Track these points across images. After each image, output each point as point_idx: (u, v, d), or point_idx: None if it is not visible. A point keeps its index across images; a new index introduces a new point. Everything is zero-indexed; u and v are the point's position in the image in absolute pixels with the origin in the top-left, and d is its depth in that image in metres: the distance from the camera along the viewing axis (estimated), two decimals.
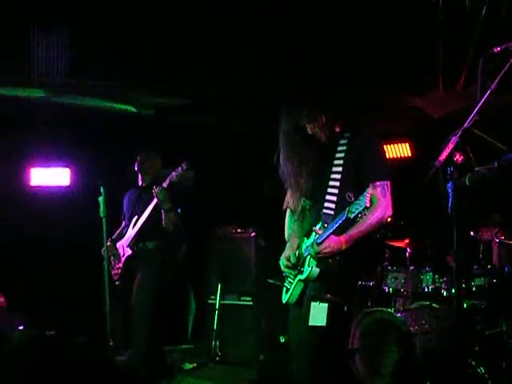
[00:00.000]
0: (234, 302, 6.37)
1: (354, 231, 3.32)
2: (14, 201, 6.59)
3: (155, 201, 5.22)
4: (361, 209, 3.06)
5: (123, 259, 5.37)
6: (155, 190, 5.18)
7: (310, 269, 3.37)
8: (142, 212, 5.35)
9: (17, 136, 6.44)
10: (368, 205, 3.03)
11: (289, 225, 3.79)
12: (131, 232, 5.39)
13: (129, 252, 5.35)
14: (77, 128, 6.50)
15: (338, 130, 3.50)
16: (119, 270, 5.36)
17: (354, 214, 3.10)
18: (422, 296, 5.22)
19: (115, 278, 5.41)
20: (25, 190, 6.73)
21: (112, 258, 5.44)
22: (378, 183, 3.35)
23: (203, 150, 7.01)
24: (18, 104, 6.10)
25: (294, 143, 3.51)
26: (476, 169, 3.23)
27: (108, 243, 5.37)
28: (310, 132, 3.47)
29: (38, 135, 6.47)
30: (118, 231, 5.67)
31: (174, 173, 5.21)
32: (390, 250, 5.76)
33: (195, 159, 7.02)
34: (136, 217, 5.40)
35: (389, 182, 3.39)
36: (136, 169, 5.55)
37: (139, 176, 5.59)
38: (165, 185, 5.20)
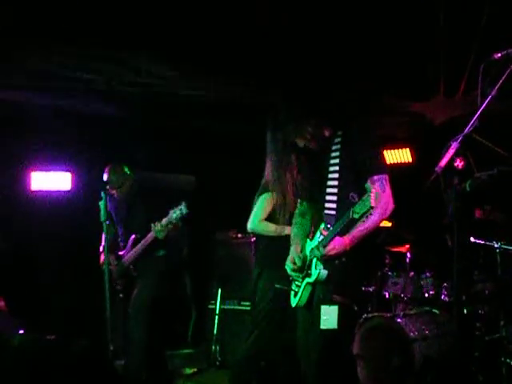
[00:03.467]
0: (234, 307, 6.37)
1: (358, 230, 3.29)
2: (15, 205, 6.58)
3: (152, 235, 5.09)
4: (366, 209, 3.04)
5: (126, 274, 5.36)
6: (153, 227, 5.04)
7: (318, 271, 3.36)
8: (136, 230, 5.26)
9: (18, 140, 6.44)
10: (374, 204, 3.01)
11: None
12: (132, 252, 5.28)
13: (133, 272, 5.32)
14: (78, 132, 6.50)
15: (327, 134, 3.49)
16: (122, 285, 5.35)
17: (359, 215, 3.08)
18: (421, 301, 5.23)
19: (120, 288, 5.37)
20: (26, 194, 6.73)
21: (114, 270, 5.40)
22: (375, 178, 3.33)
23: (204, 155, 7.02)
24: (18, 108, 6.10)
25: (284, 152, 3.51)
26: (477, 175, 3.24)
27: (111, 256, 5.34)
28: (301, 145, 3.47)
29: (38, 139, 6.48)
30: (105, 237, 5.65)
31: (172, 215, 5.00)
32: (390, 255, 5.76)
33: (195, 163, 7.05)
34: (133, 236, 5.29)
35: (387, 176, 3.36)
36: (107, 185, 5.27)
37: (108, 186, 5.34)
38: (164, 223, 5.03)
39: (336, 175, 3.40)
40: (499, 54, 2.71)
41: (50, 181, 6.78)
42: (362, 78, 5.39)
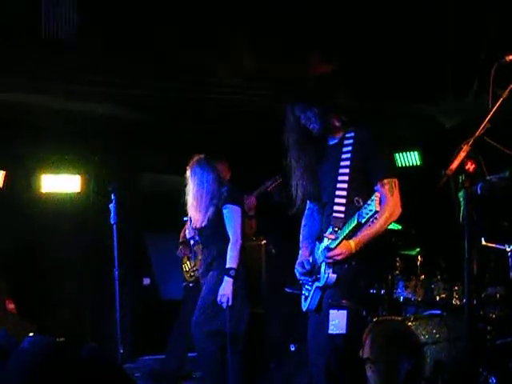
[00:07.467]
0: None
1: (364, 234, 3.30)
2: (25, 207, 6.61)
3: None
4: (371, 213, 3.04)
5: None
6: None
7: (327, 275, 3.35)
8: None
9: (28, 142, 6.47)
10: (378, 208, 3.01)
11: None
12: None
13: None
14: (87, 135, 6.52)
15: (337, 124, 3.49)
16: (195, 272, 5.35)
17: (364, 219, 3.08)
18: (432, 305, 5.19)
19: (190, 279, 5.44)
20: (36, 196, 6.75)
21: (187, 259, 5.48)
22: (386, 181, 3.35)
23: (212, 156, 7.01)
24: (28, 110, 6.13)
25: (297, 143, 3.53)
26: (488, 177, 3.22)
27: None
28: (302, 122, 3.46)
29: (49, 142, 6.50)
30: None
31: (268, 183, 5.28)
32: (400, 258, 5.73)
33: None
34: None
35: (396, 180, 3.38)
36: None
37: None
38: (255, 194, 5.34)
39: (346, 178, 3.40)
40: (511, 56, 2.69)
41: (60, 183, 6.81)
42: (371, 82, 5.37)
